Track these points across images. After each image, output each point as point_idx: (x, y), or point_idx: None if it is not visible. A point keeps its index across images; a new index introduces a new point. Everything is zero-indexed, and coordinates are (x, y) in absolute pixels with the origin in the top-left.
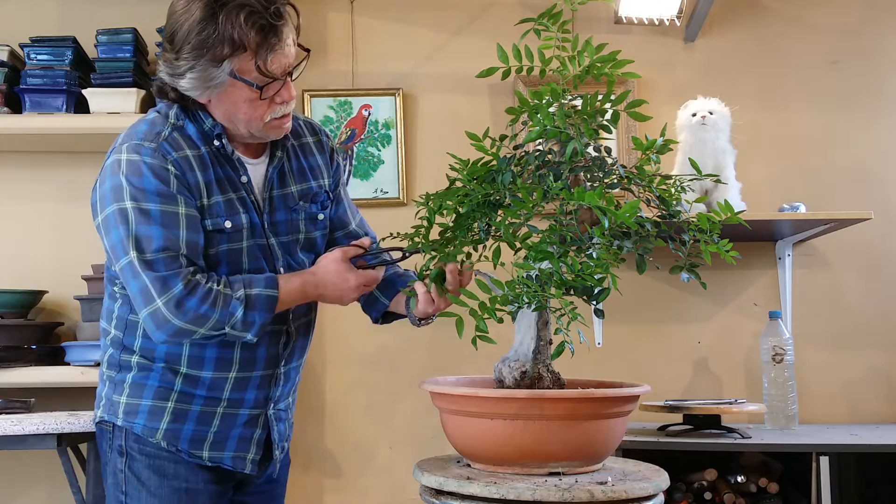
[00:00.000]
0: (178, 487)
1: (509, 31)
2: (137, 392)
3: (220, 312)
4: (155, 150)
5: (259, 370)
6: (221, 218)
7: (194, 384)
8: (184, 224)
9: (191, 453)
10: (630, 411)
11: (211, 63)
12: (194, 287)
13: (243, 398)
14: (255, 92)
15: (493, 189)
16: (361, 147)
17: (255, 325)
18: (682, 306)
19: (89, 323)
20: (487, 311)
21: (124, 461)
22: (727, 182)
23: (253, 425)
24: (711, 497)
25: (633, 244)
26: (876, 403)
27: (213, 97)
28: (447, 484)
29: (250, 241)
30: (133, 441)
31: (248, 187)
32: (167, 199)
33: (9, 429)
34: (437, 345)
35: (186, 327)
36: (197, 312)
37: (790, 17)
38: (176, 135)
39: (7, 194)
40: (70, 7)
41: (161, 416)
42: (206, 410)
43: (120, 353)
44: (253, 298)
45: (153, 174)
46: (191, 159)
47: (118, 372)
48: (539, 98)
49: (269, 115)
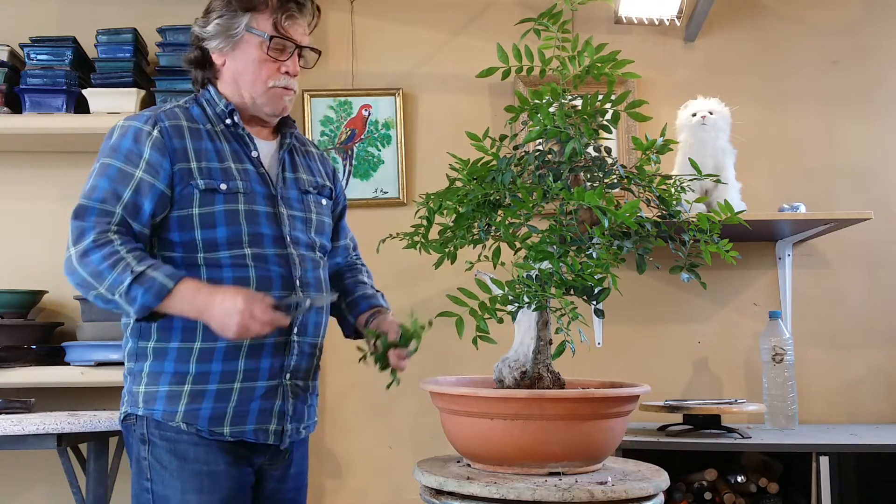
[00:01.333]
0: (198, 471)
1: (509, 31)
2: (154, 380)
3: (115, 277)
4: (149, 119)
5: (272, 337)
6: (216, 181)
7: (209, 357)
8: (133, 186)
9: (211, 431)
10: (630, 411)
11: (234, 14)
12: (104, 244)
13: (258, 367)
14: (265, 49)
15: (493, 189)
16: (361, 147)
17: (135, 301)
18: (682, 306)
19: (89, 323)
20: (487, 310)
21: (147, 448)
22: (727, 182)
23: (272, 397)
24: (711, 497)
25: (633, 244)
26: (876, 403)
27: (228, 51)
28: (447, 484)
29: (250, 206)
30: (154, 427)
31: (256, 161)
32: (130, 160)
33: (9, 429)
34: (437, 345)
35: (87, 280)
36: (96, 268)
37: (790, 17)
38: (177, 110)
39: (7, 194)
40: (70, 7)
41: (178, 399)
42: (223, 388)
43: (138, 341)
44: (147, 278)
45: (132, 136)
46: (183, 129)
47: (136, 362)
48: (539, 98)
49: (272, 81)
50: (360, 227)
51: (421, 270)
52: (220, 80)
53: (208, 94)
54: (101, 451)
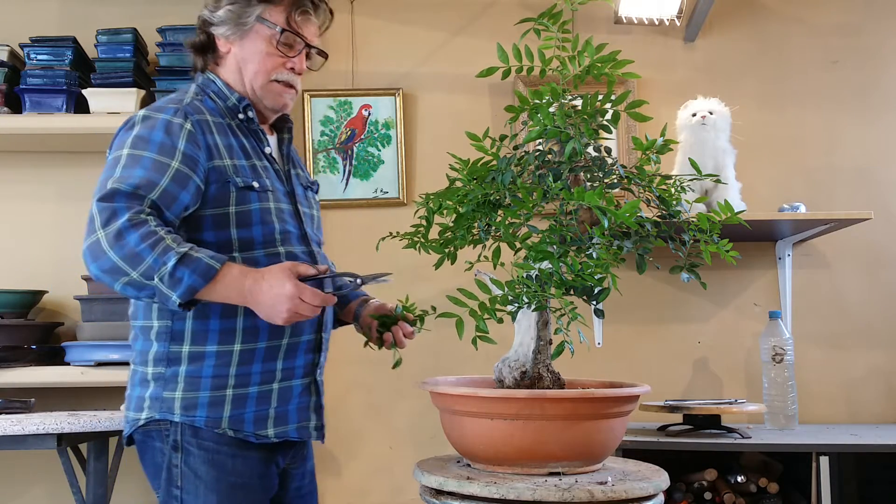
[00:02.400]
0: (234, 483)
1: (509, 31)
2: (194, 385)
3: (155, 258)
4: (178, 111)
5: (307, 335)
6: (249, 178)
7: (249, 360)
8: (170, 175)
9: (257, 434)
10: (630, 411)
11: (247, 3)
12: (140, 223)
13: (294, 366)
14: (274, 42)
15: (493, 189)
16: (361, 147)
17: (181, 282)
18: (682, 306)
19: (89, 323)
20: (487, 311)
21: (179, 456)
22: (727, 182)
23: (307, 393)
24: (711, 497)
25: (633, 244)
26: (876, 403)
27: (236, 39)
28: (447, 484)
29: (277, 204)
30: (190, 436)
31: (270, 158)
32: (165, 152)
33: (9, 429)
34: (437, 345)
35: (120, 264)
36: (133, 249)
37: (790, 17)
38: (197, 103)
39: (7, 194)
40: (70, 7)
41: (222, 405)
42: (263, 390)
43: (168, 345)
44: (192, 258)
45: (165, 129)
46: (210, 123)
47: (167, 367)
48: (539, 98)
49: (275, 74)
50: (359, 227)
51: (421, 270)
52: (223, 67)
53: (215, 85)
54: (101, 451)
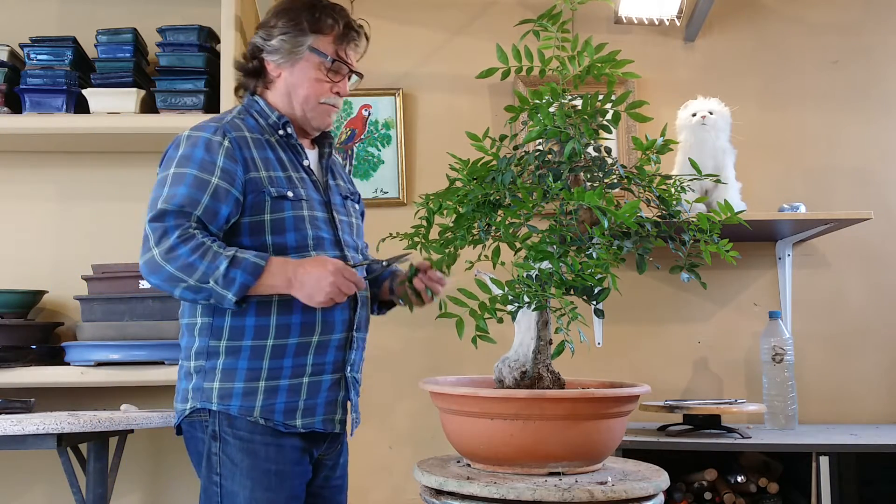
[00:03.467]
0: (268, 469)
1: (509, 31)
2: (230, 377)
3: (207, 265)
4: (217, 129)
5: (338, 333)
6: (284, 188)
7: (281, 354)
8: (210, 191)
9: (286, 424)
10: (630, 411)
11: (300, 33)
12: (188, 238)
13: (324, 362)
14: (324, 69)
15: (493, 189)
16: (361, 147)
17: (235, 282)
18: (682, 306)
19: (89, 323)
20: (487, 310)
21: (218, 445)
22: (727, 182)
23: (336, 388)
24: (711, 497)
25: (633, 244)
26: (876, 403)
27: (287, 66)
28: (447, 484)
29: (311, 212)
30: (227, 425)
31: (308, 170)
32: (205, 169)
33: (9, 429)
34: (437, 345)
35: (175, 275)
36: (186, 260)
37: (790, 17)
38: (237, 121)
39: (7, 194)
40: (70, 7)
41: (255, 395)
42: (294, 383)
43: (209, 340)
44: (240, 259)
45: (205, 147)
46: (248, 140)
47: (207, 360)
48: (539, 98)
49: (323, 98)
50: None
51: None
52: (272, 91)
53: (258, 105)
54: (101, 451)
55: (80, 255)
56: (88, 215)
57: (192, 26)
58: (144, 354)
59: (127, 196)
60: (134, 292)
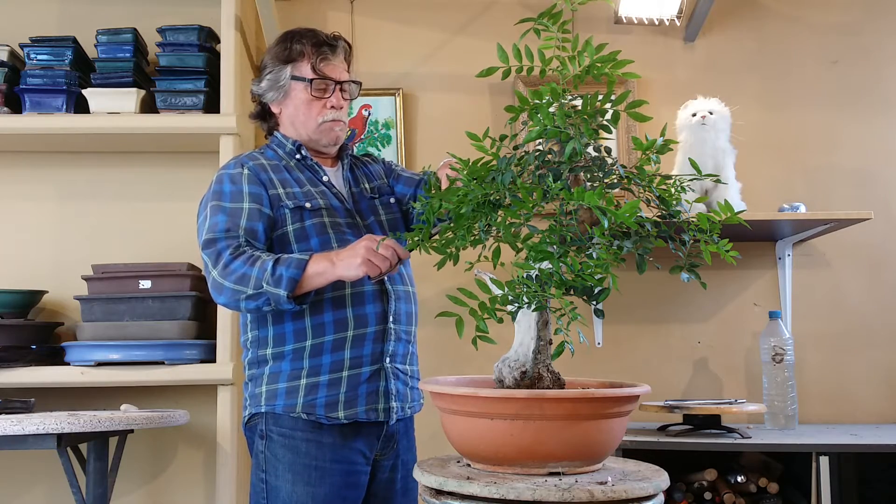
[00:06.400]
0: (308, 464)
1: (509, 31)
2: (275, 379)
3: (258, 271)
4: (236, 163)
5: (372, 326)
6: (301, 199)
7: (319, 352)
8: (245, 214)
9: (328, 416)
10: (630, 411)
11: (280, 68)
12: (240, 254)
13: (361, 354)
14: (309, 91)
15: (493, 189)
16: (361, 147)
17: (283, 278)
18: (682, 306)
19: (89, 323)
20: (487, 311)
21: (264, 443)
22: (727, 182)
23: (375, 379)
24: (711, 497)
25: (633, 244)
26: (876, 403)
27: (281, 101)
28: (447, 484)
29: (333, 219)
30: (272, 424)
31: (328, 184)
32: (236, 198)
33: (9, 429)
34: (437, 345)
35: (236, 287)
36: (240, 272)
37: (790, 17)
38: (255, 154)
39: (7, 194)
40: (70, 7)
41: (297, 392)
42: (333, 377)
43: (258, 350)
44: (284, 259)
45: (230, 180)
46: (265, 166)
47: (258, 368)
48: (539, 98)
49: (320, 117)
50: None
51: (421, 270)
52: (281, 126)
53: (276, 139)
54: (101, 451)
55: (80, 255)
56: (88, 215)
57: (192, 26)
58: (144, 354)
59: (127, 196)
60: (134, 292)
